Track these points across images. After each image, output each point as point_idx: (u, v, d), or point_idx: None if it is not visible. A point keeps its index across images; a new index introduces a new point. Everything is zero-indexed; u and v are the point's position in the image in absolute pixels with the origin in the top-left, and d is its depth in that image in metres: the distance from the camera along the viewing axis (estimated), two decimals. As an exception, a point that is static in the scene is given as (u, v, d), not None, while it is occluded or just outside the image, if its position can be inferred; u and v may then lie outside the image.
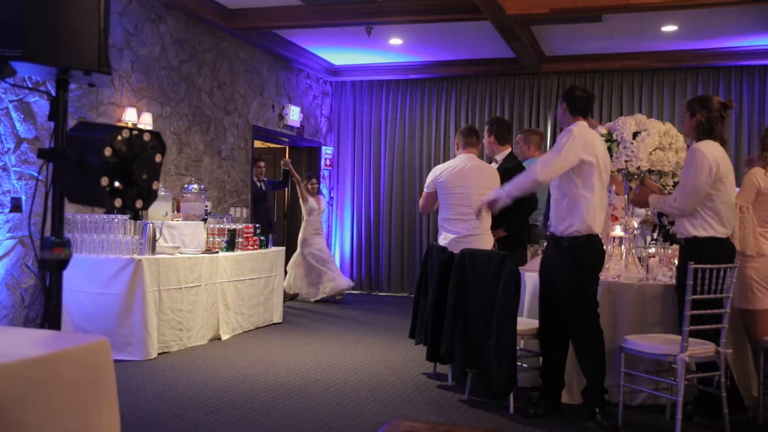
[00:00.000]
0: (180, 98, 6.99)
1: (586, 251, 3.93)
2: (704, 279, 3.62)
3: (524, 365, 4.55)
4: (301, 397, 4.38)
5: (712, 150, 3.91)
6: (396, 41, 8.39)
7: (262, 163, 8.62)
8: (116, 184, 2.13)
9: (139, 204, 2.20)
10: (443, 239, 4.97)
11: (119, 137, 2.11)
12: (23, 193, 5.19)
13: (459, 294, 4.43)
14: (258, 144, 9.11)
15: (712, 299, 3.68)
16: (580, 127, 3.99)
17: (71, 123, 2.25)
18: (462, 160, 5.01)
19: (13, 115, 5.12)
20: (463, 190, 4.93)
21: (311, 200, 8.70)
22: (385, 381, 4.84)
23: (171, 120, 6.86)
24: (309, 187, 8.76)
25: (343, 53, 9.12)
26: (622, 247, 4.81)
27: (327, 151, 10.12)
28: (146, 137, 2.18)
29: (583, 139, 3.90)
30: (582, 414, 4.03)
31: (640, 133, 4.74)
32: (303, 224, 8.76)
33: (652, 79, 8.90)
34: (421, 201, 5.27)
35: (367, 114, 10.13)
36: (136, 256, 5.26)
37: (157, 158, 2.24)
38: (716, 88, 8.63)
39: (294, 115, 9.12)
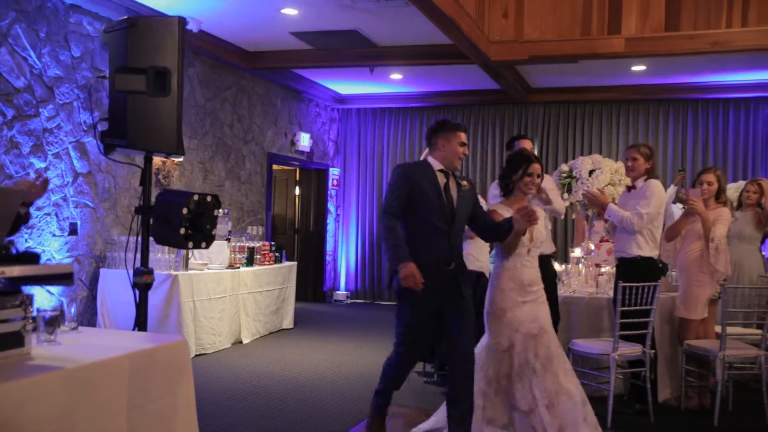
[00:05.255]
0: (205, 131, 7.98)
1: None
2: (632, 294, 4.56)
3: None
4: (312, 389, 5.34)
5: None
6: (396, 76, 9.38)
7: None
8: (189, 232, 3.10)
9: (203, 245, 3.18)
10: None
11: (192, 200, 3.08)
12: (79, 218, 6.18)
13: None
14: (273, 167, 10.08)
15: (640, 310, 4.62)
16: None
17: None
18: None
19: (72, 153, 6.11)
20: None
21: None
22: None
23: (197, 151, 7.85)
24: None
25: (349, 84, 10.13)
26: (580, 265, 5.77)
27: (334, 172, 11.10)
28: (209, 199, 3.16)
29: None
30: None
31: (595, 170, 5.71)
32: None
33: (629, 110, 9.84)
34: None
35: (371, 138, 11.12)
36: (173, 272, 6.23)
37: (216, 212, 3.22)
38: (685, 117, 9.56)
39: (304, 141, 10.11)
